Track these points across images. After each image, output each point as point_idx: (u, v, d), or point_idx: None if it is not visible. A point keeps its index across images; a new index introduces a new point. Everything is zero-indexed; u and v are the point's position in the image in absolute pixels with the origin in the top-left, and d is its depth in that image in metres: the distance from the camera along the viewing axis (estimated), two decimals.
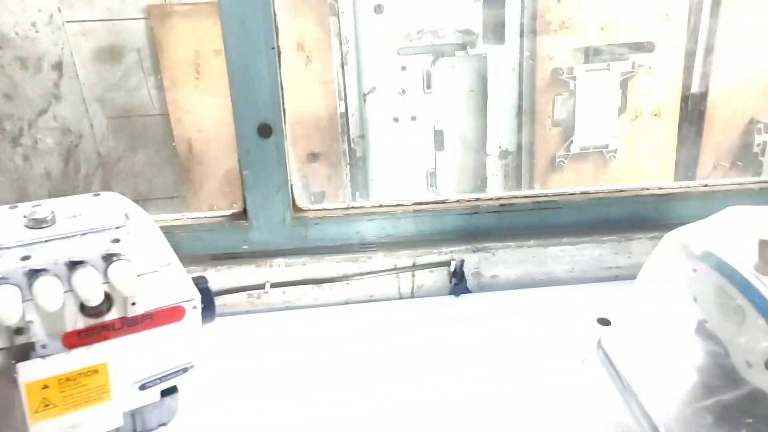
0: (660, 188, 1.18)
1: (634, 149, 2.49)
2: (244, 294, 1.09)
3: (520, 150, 2.49)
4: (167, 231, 1.07)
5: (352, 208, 1.12)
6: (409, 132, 2.42)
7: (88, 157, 2.45)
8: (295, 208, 1.10)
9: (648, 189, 1.18)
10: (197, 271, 1.06)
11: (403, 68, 2.37)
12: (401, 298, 1.13)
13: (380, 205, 1.13)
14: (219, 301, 1.08)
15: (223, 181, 2.34)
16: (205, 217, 1.09)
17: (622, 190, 1.17)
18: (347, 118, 2.37)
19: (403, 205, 1.13)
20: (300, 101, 2.25)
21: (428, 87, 2.37)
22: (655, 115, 2.47)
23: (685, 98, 2.45)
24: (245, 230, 1.09)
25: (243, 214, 1.08)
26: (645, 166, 2.46)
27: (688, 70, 2.46)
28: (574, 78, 2.36)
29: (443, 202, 1.13)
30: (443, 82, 2.41)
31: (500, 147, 2.47)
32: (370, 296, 1.12)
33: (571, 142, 2.40)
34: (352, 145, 2.40)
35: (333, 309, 1.11)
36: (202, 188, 2.35)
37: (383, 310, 1.11)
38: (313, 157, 2.35)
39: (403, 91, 2.35)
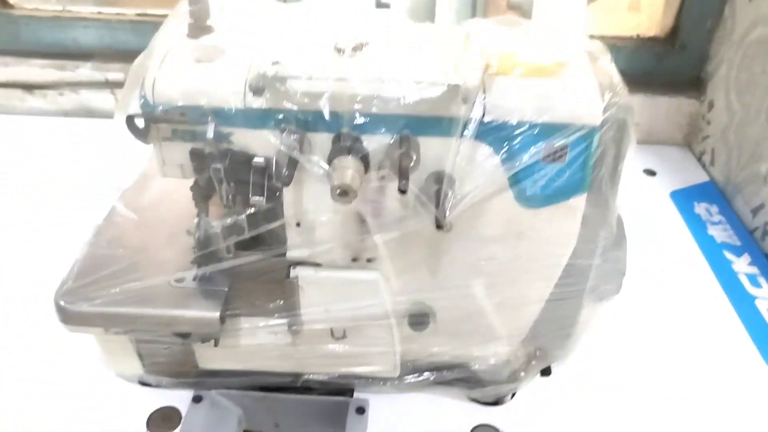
0: None
1: None
2: None
3: None
4: None
5: (67, 11, 1.02)
6: None
7: None
8: (4, 3, 1.02)
9: None
10: None
11: None
12: None
13: (98, 12, 1.02)
14: None
15: None
16: None
17: None
18: None
19: (123, 15, 1.02)
20: None
21: None
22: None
23: None
24: None
25: None
26: None
27: None
28: None
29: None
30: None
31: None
32: (88, 111, 1.05)
33: None
34: None
35: (50, 119, 1.05)
36: None
37: (99, 128, 1.03)
38: None
39: None
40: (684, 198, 0.88)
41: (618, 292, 0.59)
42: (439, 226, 0.45)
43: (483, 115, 0.45)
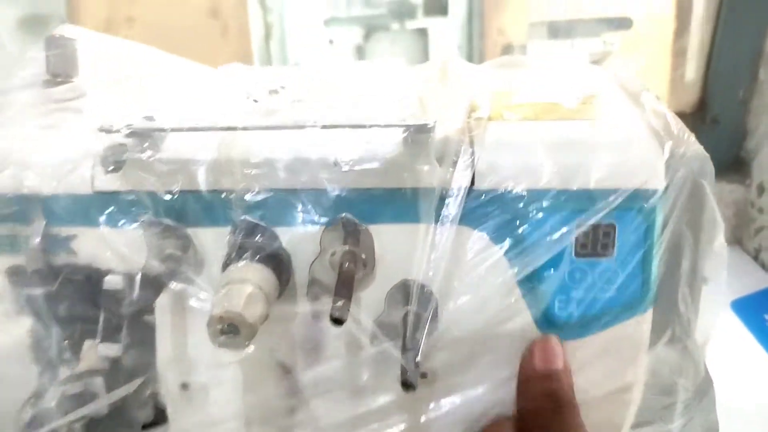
0: None
1: None
2: None
3: None
4: None
5: None
6: None
7: None
8: None
9: None
10: None
11: (331, 42, 2.11)
12: None
13: None
14: None
15: None
16: None
17: None
18: None
19: None
20: None
21: None
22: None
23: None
24: None
25: None
26: None
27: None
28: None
29: None
30: (378, 60, 2.13)
31: None
32: None
33: None
34: None
35: None
36: None
37: None
38: None
39: None
40: (749, 309, 0.68)
41: None
42: (407, 385, 0.26)
43: (471, 184, 0.27)
